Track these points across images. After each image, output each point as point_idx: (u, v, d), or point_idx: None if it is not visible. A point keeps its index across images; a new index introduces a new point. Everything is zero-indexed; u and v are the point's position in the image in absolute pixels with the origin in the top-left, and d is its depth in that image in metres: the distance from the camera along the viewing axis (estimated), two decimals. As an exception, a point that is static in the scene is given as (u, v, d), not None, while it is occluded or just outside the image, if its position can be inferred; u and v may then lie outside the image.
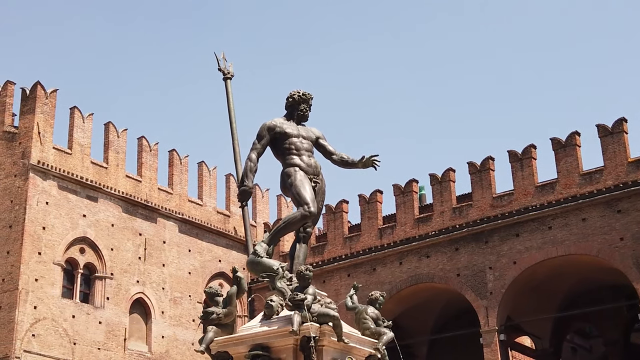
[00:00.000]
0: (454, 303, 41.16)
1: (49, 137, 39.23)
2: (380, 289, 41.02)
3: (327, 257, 43.47)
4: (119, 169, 41.82)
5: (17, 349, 35.64)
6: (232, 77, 14.99)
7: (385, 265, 41.60)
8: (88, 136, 40.96)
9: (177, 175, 44.71)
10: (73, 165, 39.79)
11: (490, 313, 38.09)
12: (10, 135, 39.38)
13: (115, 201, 41.15)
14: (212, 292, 13.27)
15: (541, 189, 38.16)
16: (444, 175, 41.15)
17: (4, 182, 38.61)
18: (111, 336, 39.32)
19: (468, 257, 39.30)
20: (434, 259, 40.28)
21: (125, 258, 40.83)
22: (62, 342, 37.39)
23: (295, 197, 13.59)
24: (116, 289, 40.09)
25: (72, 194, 39.49)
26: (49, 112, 39.50)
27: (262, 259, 13.26)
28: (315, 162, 14.05)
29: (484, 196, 39.70)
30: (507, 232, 38.48)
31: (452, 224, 40.12)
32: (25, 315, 36.30)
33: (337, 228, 43.85)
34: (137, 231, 41.77)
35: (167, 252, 42.85)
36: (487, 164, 40.03)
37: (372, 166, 14.07)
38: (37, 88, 39.29)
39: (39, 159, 38.43)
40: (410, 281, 40.79)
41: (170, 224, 43.45)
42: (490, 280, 38.45)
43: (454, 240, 39.82)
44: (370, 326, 13.34)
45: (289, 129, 14.05)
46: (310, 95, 14.44)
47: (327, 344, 12.27)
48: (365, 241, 42.59)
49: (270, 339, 12.33)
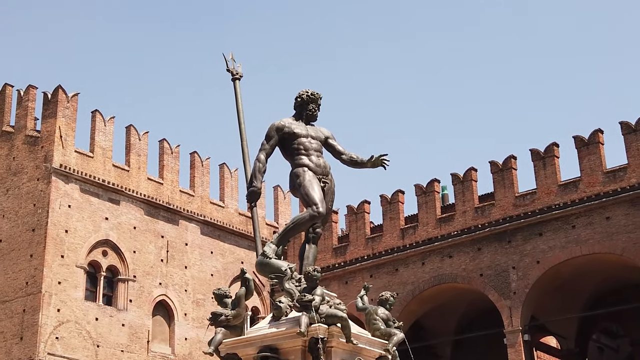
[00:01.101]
0: (477, 303, 40.84)
1: (71, 141, 39.49)
2: (403, 289, 40.93)
3: (349, 258, 43.31)
4: (140, 172, 41.99)
5: (41, 351, 35.89)
6: (241, 78, 14.90)
7: (408, 265, 41.37)
8: (109, 139, 41.17)
9: (199, 177, 44.81)
10: (95, 169, 40.01)
11: (513, 313, 37.74)
12: (32, 139, 39.68)
13: (137, 204, 41.32)
14: (221, 294, 13.18)
15: (564, 187, 37.76)
16: (465, 175, 40.85)
17: (26, 186, 38.89)
18: (134, 338, 39.46)
19: (491, 257, 38.97)
20: (457, 259, 39.99)
21: (147, 260, 40.98)
22: (86, 344, 37.59)
23: (304, 197, 13.46)
24: (139, 292, 40.24)
25: (94, 197, 39.72)
26: (71, 116, 39.76)
27: (271, 260, 13.14)
28: (325, 162, 13.90)
29: (506, 195, 39.36)
30: (530, 231, 38.11)
31: (474, 223, 39.81)
32: (48, 318, 36.55)
33: (359, 229, 43.68)
34: (159, 233, 41.91)
35: (189, 254, 42.96)
36: (509, 163, 39.68)
37: (382, 165, 13.90)
38: (59, 92, 39.58)
39: (61, 163, 38.67)
40: (433, 281, 40.52)
41: (192, 226, 43.56)
42: (514, 280, 38.10)
43: (477, 240, 39.50)
44: (381, 327, 13.19)
45: (297, 129, 13.92)
46: (319, 94, 14.29)
47: (335, 345, 12.14)
48: (388, 242, 42.37)
49: (279, 340, 12.23)
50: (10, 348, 36.61)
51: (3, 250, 38.62)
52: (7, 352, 36.61)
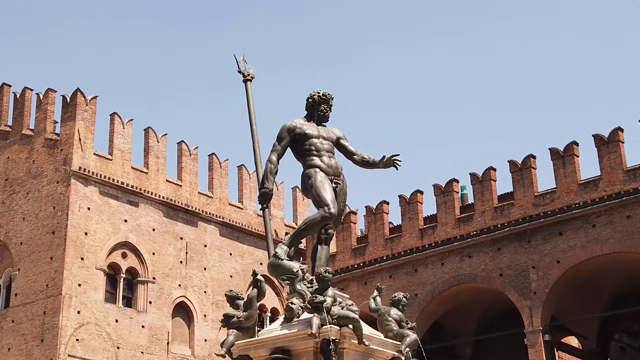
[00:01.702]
0: (497, 303, 40.64)
1: (90, 144, 39.67)
2: (422, 290, 40.80)
3: (368, 259, 43.26)
4: (159, 174, 42.12)
5: (61, 353, 36.08)
6: (253, 79, 14.89)
7: (427, 266, 41.24)
8: (128, 142, 41.33)
9: (217, 179, 44.89)
10: (114, 171, 40.18)
11: (534, 313, 37.52)
12: (52, 142, 39.91)
13: (156, 206, 41.46)
14: (233, 296, 13.18)
15: (584, 186, 37.50)
16: (484, 175, 40.68)
17: (46, 189, 39.12)
18: (154, 340, 39.59)
19: (510, 256, 38.79)
20: (476, 259, 39.82)
21: (166, 262, 41.11)
22: (106, 346, 37.75)
23: (316, 198, 13.41)
24: (158, 293, 40.37)
25: (113, 199, 39.89)
26: (90, 119, 39.96)
27: (283, 262, 13.11)
28: (336, 163, 13.84)
29: (525, 195, 39.15)
30: (550, 231, 37.88)
31: (493, 223, 39.63)
32: (69, 320, 36.74)
33: (378, 229, 43.59)
34: (178, 235, 42.03)
35: (208, 255, 43.04)
36: (528, 162, 39.48)
37: (393, 166, 13.82)
38: (78, 95, 39.79)
39: (80, 165, 38.87)
40: (452, 282, 40.37)
41: (211, 228, 43.64)
42: (534, 280, 37.89)
43: (496, 240, 39.32)
44: (393, 328, 13.11)
45: (309, 130, 13.87)
46: (331, 95, 14.25)
47: (347, 347, 12.09)
48: (406, 242, 42.25)
49: (291, 342, 12.20)
50: (31, 350, 36.84)
51: (24, 253, 38.87)
52: (28, 354, 36.85)
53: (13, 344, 37.51)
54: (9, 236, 39.73)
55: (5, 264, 39.80)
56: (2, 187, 41.01)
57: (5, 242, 39.83)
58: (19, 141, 41.30)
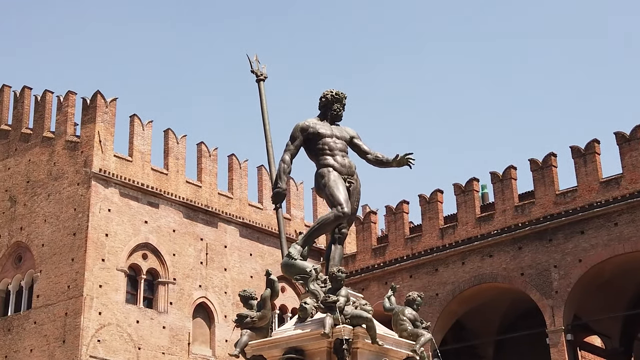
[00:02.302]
0: (519, 303, 40.41)
1: (110, 145, 39.84)
2: (443, 289, 40.65)
3: (388, 259, 43.15)
4: (179, 175, 42.23)
5: (83, 354, 36.25)
6: (266, 79, 14.89)
7: (448, 265, 41.08)
8: (148, 143, 41.47)
9: (237, 179, 44.94)
10: (134, 172, 40.33)
11: (556, 312, 37.27)
12: (72, 144, 40.13)
13: (176, 207, 41.57)
14: (247, 296, 13.18)
15: (606, 184, 37.21)
16: (505, 173, 40.47)
17: (67, 191, 39.34)
18: (175, 341, 39.69)
19: (532, 255, 38.56)
20: (497, 258, 39.61)
21: (187, 263, 41.21)
22: (127, 347, 37.89)
23: (329, 197, 13.38)
24: (179, 294, 40.47)
25: (134, 200, 40.03)
26: (109, 121, 40.13)
27: (296, 261, 13.10)
28: (350, 162, 13.80)
29: (546, 193, 38.91)
30: (571, 229, 37.62)
31: (514, 222, 39.42)
32: (90, 321, 36.90)
33: (398, 229, 43.48)
34: (199, 236, 42.12)
35: (228, 256, 43.10)
36: (549, 161, 39.24)
37: (407, 164, 13.77)
38: (97, 97, 39.98)
39: (101, 167, 39.05)
40: (473, 281, 40.18)
41: (231, 229, 43.69)
42: (556, 279, 37.64)
43: (517, 239, 39.12)
44: (408, 327, 13.02)
45: (322, 129, 13.84)
46: (344, 94, 14.20)
47: (361, 347, 12.02)
48: (427, 241, 42.13)
49: (304, 341, 12.15)
50: (53, 351, 37.06)
51: (45, 255, 39.11)
52: (50, 355, 37.06)
53: (35, 345, 37.75)
54: (31, 238, 39.99)
55: (27, 266, 40.06)
56: (23, 189, 41.29)
57: (27, 244, 40.09)
58: (40, 144, 41.56)
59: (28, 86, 43.80)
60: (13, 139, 42.93)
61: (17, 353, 38.25)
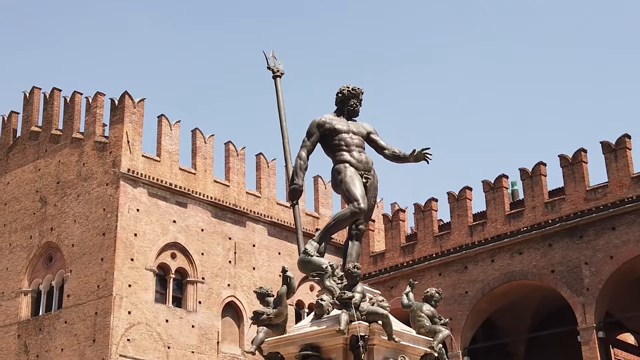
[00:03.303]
0: (550, 300, 40.03)
1: (138, 146, 40.04)
2: (472, 287, 40.37)
3: (417, 256, 42.97)
4: (207, 175, 42.35)
5: (113, 353, 36.47)
6: (282, 75, 14.83)
7: (477, 263, 40.80)
8: (176, 143, 41.63)
9: (265, 178, 44.96)
10: (162, 172, 40.50)
11: (587, 310, 36.86)
12: (101, 145, 40.40)
13: (204, 206, 41.68)
14: (263, 293, 13.16)
15: (637, 180, 36.78)
16: (534, 170, 40.12)
17: (96, 191, 39.61)
18: (204, 339, 39.81)
19: (562, 252, 38.19)
20: (527, 255, 39.28)
21: (215, 262, 41.31)
22: (157, 346, 38.06)
23: (345, 193, 13.30)
24: (208, 293, 40.58)
25: (162, 200, 40.20)
26: (137, 121, 40.34)
27: (312, 258, 13.04)
28: (367, 158, 13.70)
29: (577, 189, 38.51)
30: (602, 225, 37.20)
31: (544, 219, 39.06)
32: (120, 320, 37.11)
33: (427, 227, 43.26)
34: (227, 235, 42.20)
35: (257, 255, 43.13)
36: (579, 156, 38.83)
37: (424, 159, 13.63)
38: (125, 98, 40.18)
39: (129, 167, 39.26)
40: (503, 279, 39.86)
41: (260, 227, 43.71)
42: (587, 276, 37.24)
43: (547, 236, 38.77)
44: (426, 324, 12.90)
45: (338, 125, 13.77)
46: (361, 89, 14.11)
47: (377, 343, 11.92)
48: (456, 239, 41.87)
49: (320, 338, 12.08)
50: (83, 350, 37.33)
51: (75, 255, 39.41)
52: (80, 354, 37.34)
53: (66, 344, 38.06)
54: (61, 238, 40.33)
55: (57, 266, 40.39)
56: (54, 190, 41.65)
57: (58, 244, 40.43)
58: (69, 145, 41.88)
59: (57, 88, 44.16)
60: (43, 140, 43.32)
61: (48, 352, 38.60)
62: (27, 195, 42.73)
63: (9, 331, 40.65)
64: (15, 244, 42.21)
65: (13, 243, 42.35)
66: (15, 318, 40.76)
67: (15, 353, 39.85)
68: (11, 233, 42.65)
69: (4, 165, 44.76)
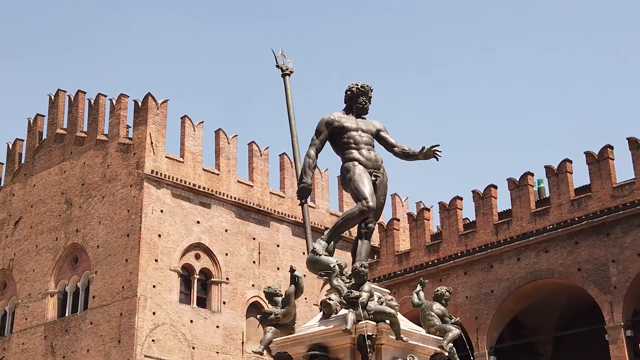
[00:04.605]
0: (577, 299, 39.55)
1: (161, 147, 40.18)
2: (498, 286, 40.01)
3: (442, 255, 42.66)
4: (230, 175, 42.39)
5: (138, 354, 36.62)
6: (291, 74, 14.76)
7: (503, 261, 40.42)
8: (199, 144, 41.72)
9: (289, 178, 44.93)
10: (185, 173, 40.60)
11: (614, 308, 36.38)
12: (125, 146, 40.59)
13: (228, 207, 41.72)
14: (271, 292, 13.12)
15: (665, 176, 36.21)
16: (560, 167, 39.67)
17: (120, 193, 39.80)
18: (229, 340, 39.85)
19: (589, 250, 37.71)
20: (553, 253, 38.85)
21: (239, 262, 41.34)
22: (182, 346, 38.16)
23: (354, 192, 13.20)
24: (232, 293, 40.62)
25: (186, 201, 40.30)
26: (161, 122, 40.47)
27: (320, 257, 12.95)
28: (376, 156, 13.59)
29: (603, 187, 38.02)
30: (629, 223, 36.67)
31: (570, 216, 38.59)
32: (144, 321, 37.26)
33: (452, 225, 42.94)
34: (251, 235, 42.21)
35: (281, 255, 43.10)
36: (605, 153, 38.32)
37: (434, 157, 13.48)
38: (149, 99, 40.35)
39: (153, 169, 39.40)
40: (529, 277, 39.45)
41: (284, 228, 43.68)
42: (614, 274, 36.75)
43: (574, 234, 38.30)
44: (436, 323, 12.74)
45: (347, 122, 13.68)
46: (370, 87, 14.00)
47: (385, 343, 11.81)
48: (481, 237, 41.51)
49: (327, 338, 12.00)
50: (109, 351, 37.52)
51: (100, 256, 39.63)
52: (106, 354, 37.53)
53: (92, 345, 38.28)
54: (86, 240, 40.57)
55: (83, 267, 40.65)
56: (79, 191, 41.92)
57: (83, 245, 40.68)
58: (94, 146, 42.13)
59: (82, 90, 44.46)
60: (68, 142, 43.63)
61: (74, 353, 38.85)
62: (53, 197, 43.07)
63: (36, 332, 40.99)
64: (42, 245, 42.56)
65: (39, 245, 42.71)
66: (42, 319, 41.09)
67: (42, 354, 40.18)
68: (37, 235, 43.02)
69: (30, 167, 45.17)
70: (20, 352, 41.15)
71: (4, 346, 42.34)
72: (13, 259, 43.65)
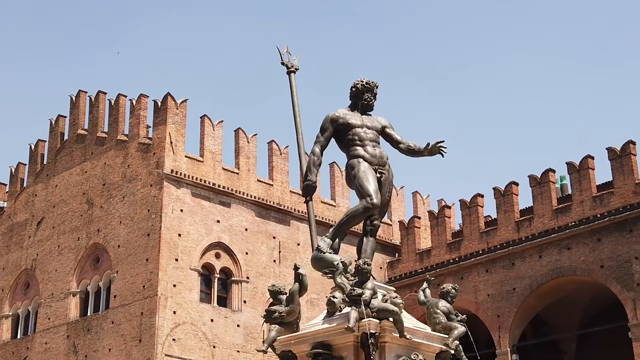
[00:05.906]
0: (600, 296, 39.20)
1: (181, 146, 40.27)
2: (520, 284, 39.74)
3: (463, 253, 42.49)
4: (250, 174, 42.39)
5: (158, 353, 36.72)
6: (297, 71, 14.70)
7: (524, 259, 40.16)
8: (219, 143, 41.75)
9: (309, 177, 44.79)
10: (205, 173, 40.67)
11: (638, 306, 36.06)
12: (145, 146, 40.72)
13: (248, 206, 41.73)
14: (276, 290, 13.06)
15: (688, 171, 35.78)
16: (582, 163, 39.35)
17: (140, 192, 39.94)
18: (249, 339, 39.87)
19: (611, 247, 37.37)
20: (575, 250, 38.55)
21: (260, 261, 41.33)
22: (202, 345, 38.23)
23: (358, 189, 13.12)
24: (252, 292, 40.63)
25: (206, 200, 40.36)
26: (180, 122, 40.56)
27: (325, 255, 12.90)
28: (381, 152, 13.49)
29: (625, 183, 37.68)
30: (653, 219, 36.29)
31: (592, 213, 38.29)
32: (165, 320, 37.35)
33: (473, 223, 42.74)
34: (271, 234, 42.20)
35: (301, 254, 42.98)
36: (627, 149, 37.99)
37: (439, 153, 13.37)
38: (168, 99, 40.44)
39: (172, 168, 39.49)
40: (551, 275, 39.17)
41: (304, 226, 43.53)
42: (637, 271, 36.44)
43: (596, 231, 38.00)
44: (441, 320, 12.63)
45: (352, 119, 13.60)
46: (375, 83, 13.92)
47: (389, 341, 11.72)
48: (502, 235, 41.27)
49: (331, 336, 11.95)
50: (130, 350, 37.66)
51: (121, 256, 39.79)
52: (127, 354, 37.68)
53: (113, 344, 38.45)
54: (107, 239, 40.76)
55: (104, 267, 40.84)
56: (100, 191, 42.13)
57: (104, 245, 40.87)
58: (114, 147, 42.30)
59: (102, 91, 44.66)
60: (89, 143, 43.85)
61: (96, 352, 39.04)
62: (74, 198, 43.31)
63: (58, 332, 41.25)
64: (64, 245, 42.82)
65: (61, 245, 42.97)
66: (64, 319, 41.34)
67: (64, 353, 40.42)
68: (59, 235, 43.28)
69: (52, 168, 45.46)
70: (44, 352, 41.44)
71: (27, 346, 42.65)
72: (36, 259, 43.97)
